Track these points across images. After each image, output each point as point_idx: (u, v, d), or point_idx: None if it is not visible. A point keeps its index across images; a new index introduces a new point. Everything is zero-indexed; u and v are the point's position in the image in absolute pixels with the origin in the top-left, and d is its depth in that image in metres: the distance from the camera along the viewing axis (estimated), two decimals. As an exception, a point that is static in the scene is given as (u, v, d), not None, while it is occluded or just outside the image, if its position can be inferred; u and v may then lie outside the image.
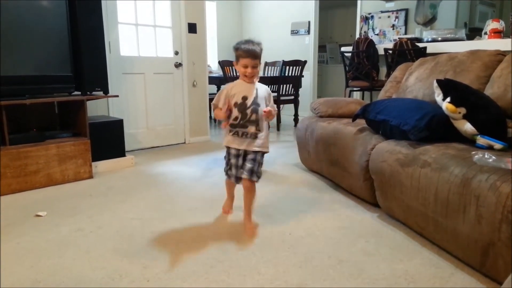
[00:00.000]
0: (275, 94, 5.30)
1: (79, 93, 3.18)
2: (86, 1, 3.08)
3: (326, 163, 2.91)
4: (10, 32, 2.75)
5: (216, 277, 1.65)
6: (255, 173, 2.03)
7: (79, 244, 1.99)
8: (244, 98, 1.99)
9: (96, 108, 3.89)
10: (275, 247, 1.93)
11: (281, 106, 5.41)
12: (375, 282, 1.62)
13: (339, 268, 1.74)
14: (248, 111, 1.99)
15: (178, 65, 4.47)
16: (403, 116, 2.21)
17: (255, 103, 1.99)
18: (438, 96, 2.21)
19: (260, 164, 2.06)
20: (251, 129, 2.00)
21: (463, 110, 2.04)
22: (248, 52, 1.96)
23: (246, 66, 1.98)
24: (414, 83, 2.86)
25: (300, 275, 1.67)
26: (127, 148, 3.80)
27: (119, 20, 4.02)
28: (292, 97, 5.56)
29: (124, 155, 3.57)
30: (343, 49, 5.17)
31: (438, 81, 2.22)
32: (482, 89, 2.37)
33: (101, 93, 3.27)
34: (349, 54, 4.90)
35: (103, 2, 3.27)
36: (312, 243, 1.98)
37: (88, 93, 3.17)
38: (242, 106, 1.99)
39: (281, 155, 4.00)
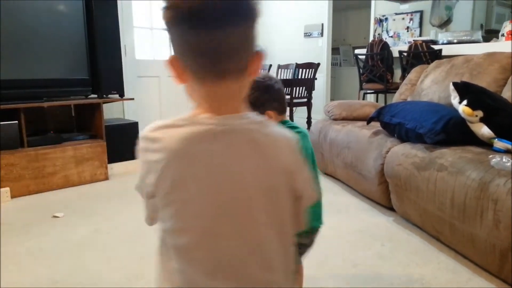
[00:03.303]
0: (288, 96, 5.29)
1: (96, 96, 3.23)
2: (103, 5, 3.13)
3: (340, 166, 2.89)
4: (28, 35, 2.81)
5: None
6: None
7: (96, 245, 2.02)
8: None
9: (111, 111, 3.94)
10: (290, 250, 1.93)
11: (294, 108, 5.40)
12: (391, 287, 1.61)
13: (354, 272, 1.73)
14: None
15: (192, 68, 4.50)
16: (419, 119, 2.19)
17: None
18: (455, 99, 2.18)
19: None
20: None
21: (480, 113, 2.02)
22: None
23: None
24: (430, 85, 2.84)
25: (314, 278, 1.67)
26: (142, 150, 3.83)
27: (135, 24, 4.08)
28: (305, 99, 5.54)
29: (139, 157, 3.60)
30: (357, 51, 5.14)
31: (455, 84, 2.19)
32: (500, 92, 2.34)
33: (117, 96, 3.32)
34: (363, 57, 4.87)
35: (119, 6, 3.33)
36: (327, 246, 1.97)
37: (104, 96, 3.22)
38: None
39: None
